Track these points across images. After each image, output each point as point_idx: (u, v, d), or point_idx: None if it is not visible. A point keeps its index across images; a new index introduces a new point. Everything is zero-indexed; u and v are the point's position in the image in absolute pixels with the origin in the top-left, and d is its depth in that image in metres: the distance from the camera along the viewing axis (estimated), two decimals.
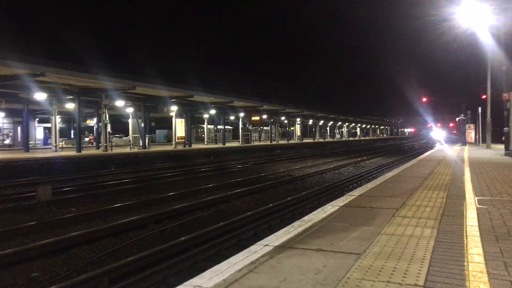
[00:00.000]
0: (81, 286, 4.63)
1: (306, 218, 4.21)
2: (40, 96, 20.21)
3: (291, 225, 3.90)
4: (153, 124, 40.35)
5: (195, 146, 31.55)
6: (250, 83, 65.28)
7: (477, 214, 4.29)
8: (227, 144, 34.68)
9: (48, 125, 30.23)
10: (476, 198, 5.30)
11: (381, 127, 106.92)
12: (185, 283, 2.42)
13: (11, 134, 30.35)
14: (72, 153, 20.86)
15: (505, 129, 15.28)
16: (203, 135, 40.11)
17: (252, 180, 14.46)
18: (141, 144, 26.44)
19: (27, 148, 23.35)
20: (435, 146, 37.63)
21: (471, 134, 30.63)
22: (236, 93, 33.65)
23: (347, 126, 72.81)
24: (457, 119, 28.07)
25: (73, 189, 12.25)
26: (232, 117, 41.34)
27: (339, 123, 67.22)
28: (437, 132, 63.57)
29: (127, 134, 33.51)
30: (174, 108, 27.59)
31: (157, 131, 45.02)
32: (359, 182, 14.11)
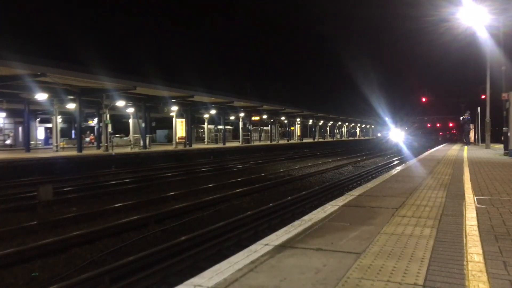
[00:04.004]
0: (82, 286, 4.65)
1: (306, 217, 4.23)
2: (41, 96, 20.22)
3: (291, 224, 3.91)
4: (153, 124, 40.38)
5: (196, 146, 31.56)
6: (250, 83, 65.24)
7: (477, 213, 4.30)
8: (227, 144, 34.69)
9: (49, 125, 30.27)
10: (475, 198, 5.31)
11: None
12: (185, 283, 2.44)
13: (12, 134, 30.39)
14: (73, 153, 20.87)
15: (504, 129, 15.29)
16: (203, 135, 40.14)
17: (252, 180, 14.47)
18: (141, 144, 26.46)
19: (28, 148, 23.37)
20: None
21: (470, 134, 30.63)
22: (236, 93, 33.69)
23: (347, 126, 72.82)
24: (461, 118, 27.94)
25: (74, 189, 12.27)
26: (232, 117, 41.36)
27: (339, 123, 67.21)
28: (395, 132, 47.40)
29: (127, 134, 33.54)
30: (174, 108, 27.62)
31: (157, 131, 45.05)
32: (359, 182, 14.13)
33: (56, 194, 10.50)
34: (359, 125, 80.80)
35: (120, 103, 24.25)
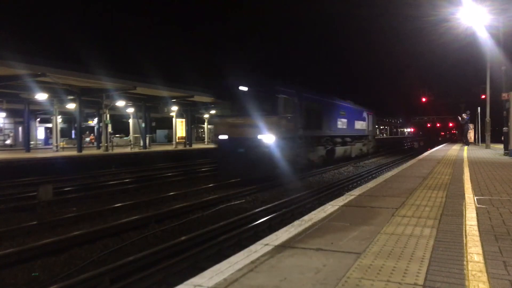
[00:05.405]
0: (82, 286, 4.65)
1: (306, 217, 4.23)
2: (41, 96, 20.22)
3: (291, 224, 3.91)
4: (153, 124, 40.37)
5: (196, 146, 31.55)
6: None
7: (477, 213, 4.30)
8: None
9: (49, 125, 30.29)
10: (475, 198, 5.31)
11: (381, 127, 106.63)
12: (185, 282, 2.44)
13: (12, 134, 30.41)
14: (73, 153, 20.88)
15: (504, 129, 15.29)
16: (203, 135, 40.15)
17: (252, 179, 14.44)
18: (141, 144, 26.47)
19: (28, 148, 23.37)
20: None
21: (470, 134, 30.63)
22: None
23: None
24: (460, 118, 27.91)
25: (74, 189, 12.26)
26: None
27: None
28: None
29: (127, 134, 33.56)
30: (174, 108, 27.62)
31: (157, 131, 45.05)
32: (359, 182, 14.12)
33: (56, 194, 10.50)
34: None
35: (120, 103, 24.27)
